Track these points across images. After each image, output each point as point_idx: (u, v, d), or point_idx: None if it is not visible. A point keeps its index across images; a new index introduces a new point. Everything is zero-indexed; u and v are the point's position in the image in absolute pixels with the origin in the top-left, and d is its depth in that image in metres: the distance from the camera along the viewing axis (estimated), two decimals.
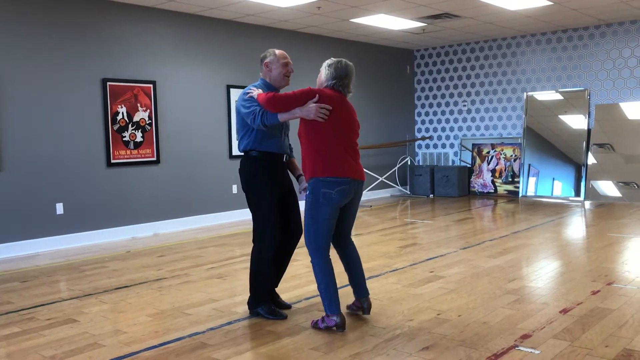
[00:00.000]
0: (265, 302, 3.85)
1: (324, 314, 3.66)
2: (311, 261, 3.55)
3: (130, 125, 7.17)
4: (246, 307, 4.01)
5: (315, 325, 3.61)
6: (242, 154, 3.89)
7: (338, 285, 3.63)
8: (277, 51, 3.89)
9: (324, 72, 3.62)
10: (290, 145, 4.00)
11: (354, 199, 3.61)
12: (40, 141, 6.44)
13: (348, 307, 3.89)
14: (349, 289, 3.91)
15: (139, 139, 7.26)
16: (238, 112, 3.81)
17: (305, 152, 3.56)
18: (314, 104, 3.45)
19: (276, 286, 4.03)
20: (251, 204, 3.83)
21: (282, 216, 3.86)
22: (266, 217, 3.76)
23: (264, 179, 3.77)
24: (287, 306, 4.05)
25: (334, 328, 3.52)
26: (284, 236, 3.88)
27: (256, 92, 3.72)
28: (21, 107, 6.29)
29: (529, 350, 3.14)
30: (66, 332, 3.67)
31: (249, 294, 3.93)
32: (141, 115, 7.28)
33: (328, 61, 3.64)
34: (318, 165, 3.47)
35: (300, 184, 3.89)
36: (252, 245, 3.87)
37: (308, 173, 3.54)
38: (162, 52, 7.53)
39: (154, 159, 7.44)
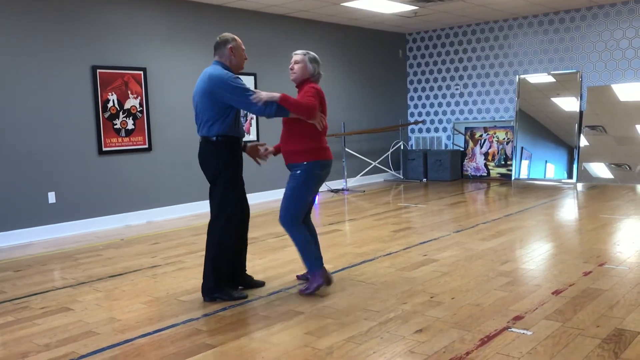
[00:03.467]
0: (224, 286, 3.94)
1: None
2: (290, 231, 3.93)
3: (121, 113, 7.12)
4: (242, 292, 4.03)
5: (306, 292, 3.94)
6: (205, 139, 3.88)
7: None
8: (237, 37, 3.96)
9: (310, 66, 3.97)
10: None
11: None
12: (30, 130, 6.39)
13: (299, 277, 4.37)
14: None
15: (130, 126, 7.22)
16: (213, 97, 3.75)
17: (296, 137, 3.90)
18: (320, 113, 3.88)
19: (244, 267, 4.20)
20: (219, 191, 3.87)
21: (242, 200, 4.01)
22: (233, 203, 3.89)
23: (233, 165, 3.88)
24: (261, 284, 4.25)
25: (324, 284, 3.96)
26: (243, 218, 4.05)
27: (267, 94, 3.74)
28: (10, 95, 6.23)
29: (522, 331, 3.17)
30: (60, 320, 3.67)
31: (203, 283, 3.97)
32: (132, 102, 7.23)
33: (311, 56, 3.99)
34: (314, 151, 3.89)
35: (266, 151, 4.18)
36: (209, 234, 3.92)
37: (300, 156, 3.88)
38: (153, 38, 7.46)
39: (146, 146, 7.40)
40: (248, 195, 4.18)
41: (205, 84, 3.81)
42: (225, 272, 3.94)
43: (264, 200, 8.68)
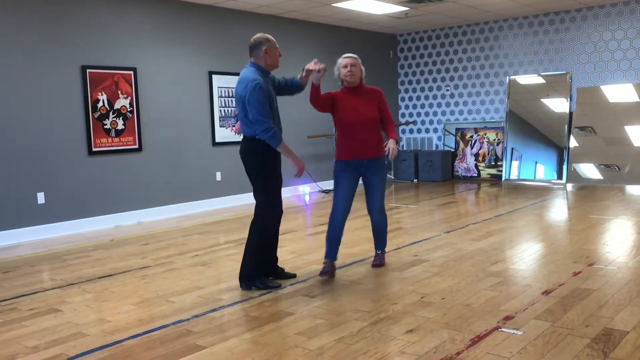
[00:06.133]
0: (262, 276, 4.14)
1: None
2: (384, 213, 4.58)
3: (111, 113, 7.08)
4: (231, 293, 4.03)
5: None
6: (246, 137, 4.04)
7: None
8: (271, 37, 4.09)
9: (362, 68, 4.36)
10: None
11: None
12: (20, 130, 6.34)
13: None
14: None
15: (120, 126, 7.18)
16: (247, 102, 3.89)
17: (380, 134, 4.50)
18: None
19: (277, 259, 4.40)
20: (261, 184, 4.04)
21: (279, 193, 4.18)
22: (273, 194, 4.07)
23: (270, 161, 4.02)
24: (292, 275, 4.40)
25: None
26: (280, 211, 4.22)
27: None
28: None
29: (512, 331, 3.18)
30: (49, 322, 3.64)
31: (242, 271, 4.13)
32: (122, 102, 7.19)
33: (359, 59, 4.35)
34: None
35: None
36: (253, 224, 4.10)
37: (382, 151, 4.44)
38: (143, 38, 7.43)
39: (136, 146, 7.36)
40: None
41: (239, 88, 4.01)
42: (264, 261, 4.17)
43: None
